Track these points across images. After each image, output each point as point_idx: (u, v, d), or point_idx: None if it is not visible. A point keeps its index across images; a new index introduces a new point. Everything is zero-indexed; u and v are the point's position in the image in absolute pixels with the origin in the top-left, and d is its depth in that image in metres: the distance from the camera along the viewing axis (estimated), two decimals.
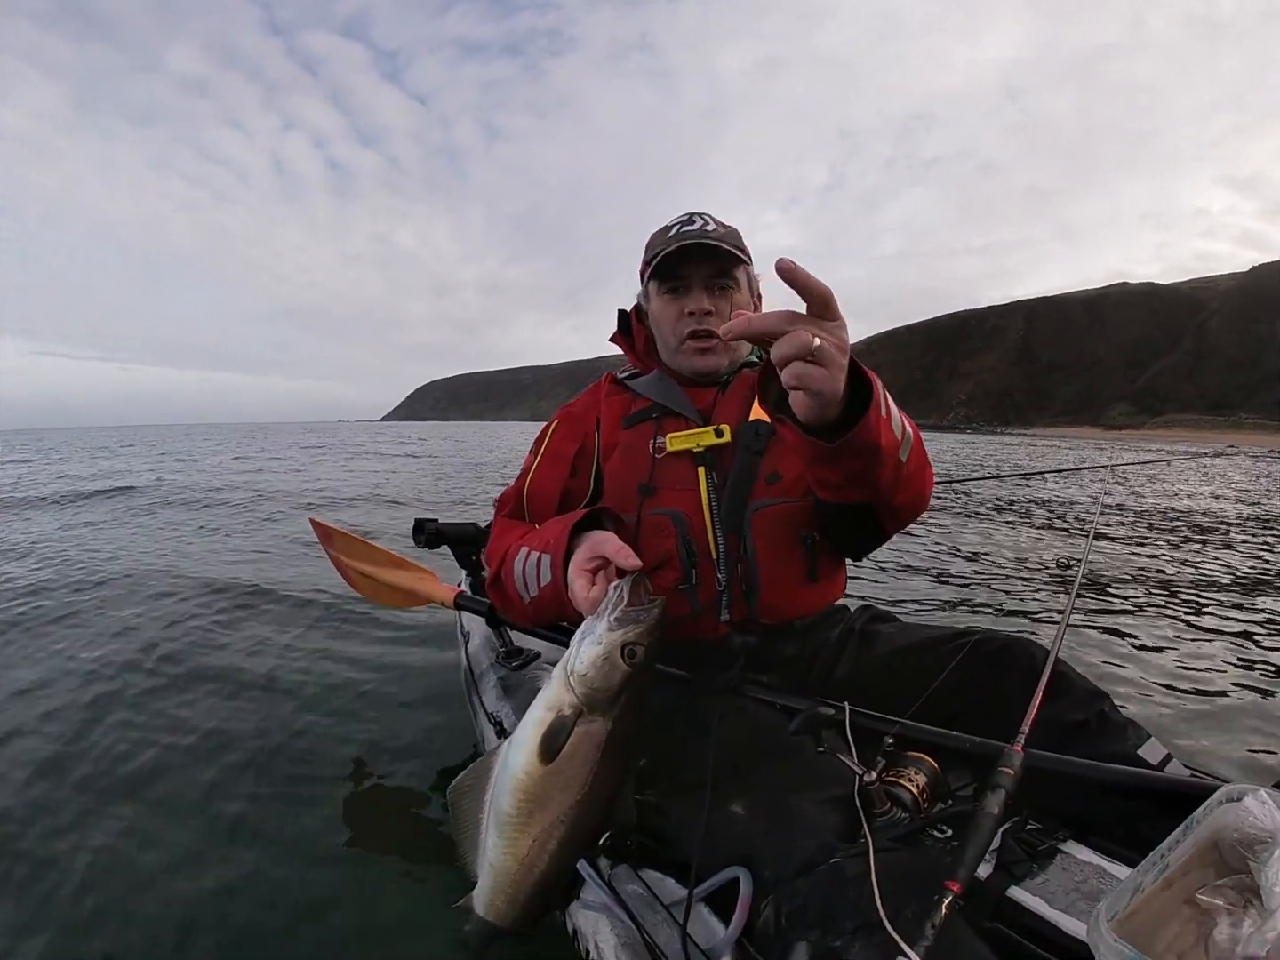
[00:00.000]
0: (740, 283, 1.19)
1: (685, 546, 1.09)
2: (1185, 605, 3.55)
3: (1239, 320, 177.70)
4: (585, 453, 1.21)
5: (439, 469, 13.62)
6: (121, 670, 2.52)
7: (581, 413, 1.26)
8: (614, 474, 1.17)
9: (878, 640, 1.20)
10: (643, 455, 1.15)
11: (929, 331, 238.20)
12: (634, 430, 1.19)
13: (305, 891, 1.39)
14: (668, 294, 1.18)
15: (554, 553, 0.95)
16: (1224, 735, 2.08)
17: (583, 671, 0.77)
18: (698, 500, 1.10)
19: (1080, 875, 0.83)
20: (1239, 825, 0.56)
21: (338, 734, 2.06)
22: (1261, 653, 2.80)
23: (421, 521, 1.91)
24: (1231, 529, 6.49)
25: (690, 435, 1.13)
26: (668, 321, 1.19)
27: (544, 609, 1.02)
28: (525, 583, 1.02)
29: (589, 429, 1.23)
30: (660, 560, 1.08)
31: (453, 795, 0.87)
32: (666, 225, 1.20)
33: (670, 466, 1.13)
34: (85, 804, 1.68)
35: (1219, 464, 19.20)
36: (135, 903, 1.36)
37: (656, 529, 1.09)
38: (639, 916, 0.86)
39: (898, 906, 0.64)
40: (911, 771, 0.94)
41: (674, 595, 1.08)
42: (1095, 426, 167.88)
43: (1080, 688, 1.01)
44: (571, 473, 1.20)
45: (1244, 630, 3.12)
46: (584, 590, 0.87)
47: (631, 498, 1.12)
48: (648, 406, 1.20)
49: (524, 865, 0.82)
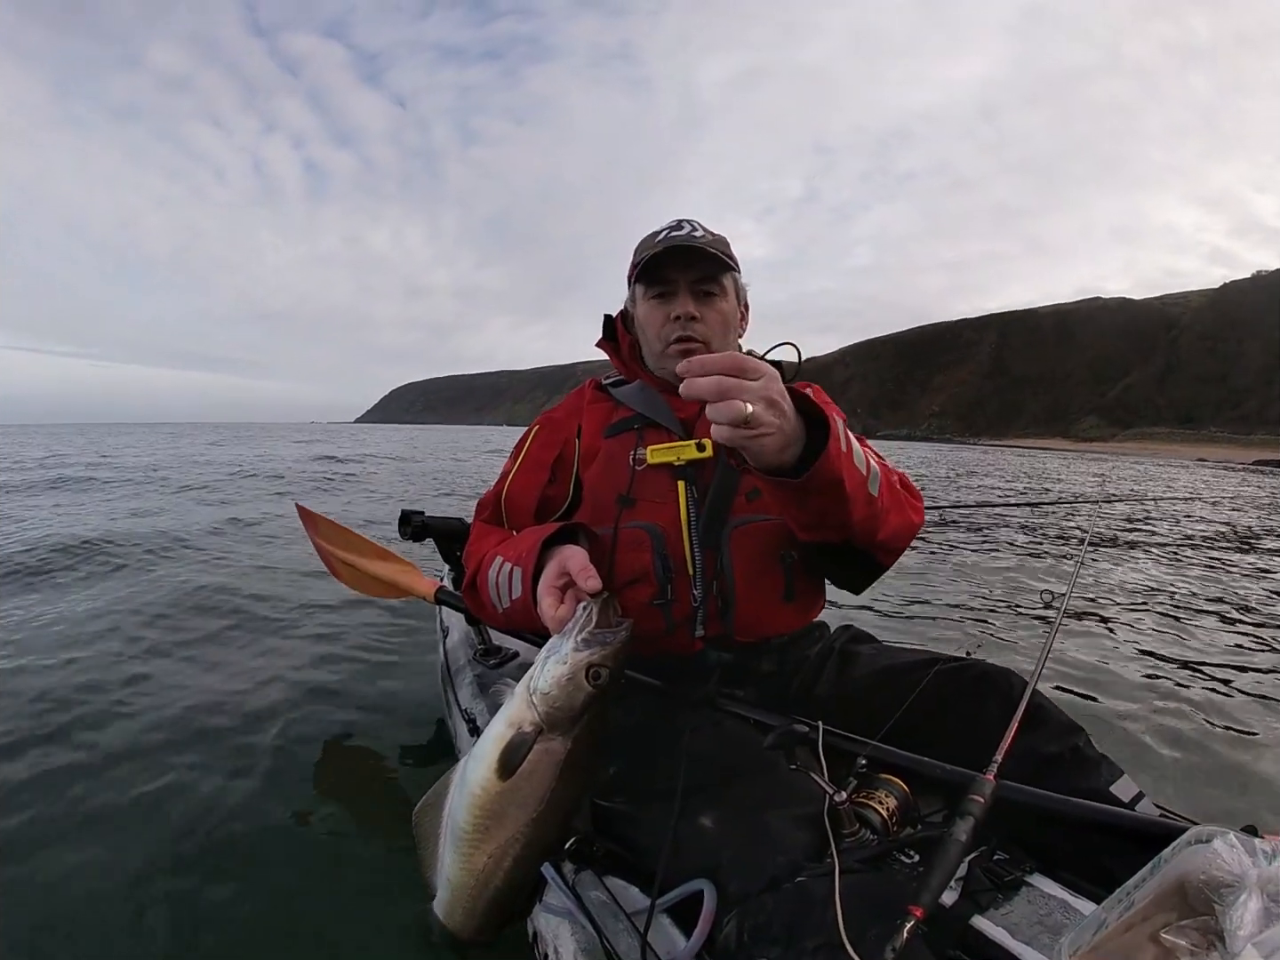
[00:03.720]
0: (727, 289, 1.17)
1: (661, 561, 1.07)
2: (1167, 640, 3.56)
3: (1209, 336, 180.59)
4: (564, 460, 1.20)
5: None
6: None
7: (563, 419, 1.25)
8: (593, 484, 1.16)
9: (857, 661, 1.19)
10: (623, 466, 1.13)
11: (901, 344, 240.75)
12: (615, 440, 1.18)
13: (270, 894, 1.36)
14: (654, 298, 1.16)
15: (524, 567, 0.94)
16: (1196, 776, 2.08)
17: (546, 690, 0.77)
18: (676, 515, 1.09)
19: (1045, 908, 0.83)
20: (1206, 867, 0.56)
21: (308, 727, 2.04)
22: (1240, 696, 2.82)
23: (408, 513, 1.90)
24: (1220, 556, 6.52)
25: (671, 448, 1.08)
26: (653, 326, 1.18)
27: (516, 619, 1.01)
28: (498, 592, 1.01)
29: (569, 435, 1.21)
30: (636, 575, 1.07)
31: (416, 813, 0.88)
32: (656, 230, 1.19)
33: (650, 479, 1.11)
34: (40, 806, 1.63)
35: (1202, 474, 19.14)
36: (91, 907, 1.32)
37: (633, 542, 1.08)
38: (600, 923, 0.85)
39: (861, 929, 0.64)
40: (882, 794, 0.94)
41: (648, 610, 1.07)
42: (1065, 439, 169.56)
43: (1056, 720, 1.01)
44: (550, 479, 1.18)
45: (1225, 672, 3.13)
46: (551, 609, 0.85)
47: (609, 508, 1.11)
48: (630, 416, 1.19)
49: (479, 880, 0.83)
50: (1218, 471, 24.74)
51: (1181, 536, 7.89)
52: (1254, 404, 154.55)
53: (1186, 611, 4.28)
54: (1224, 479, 22.96)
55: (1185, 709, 2.61)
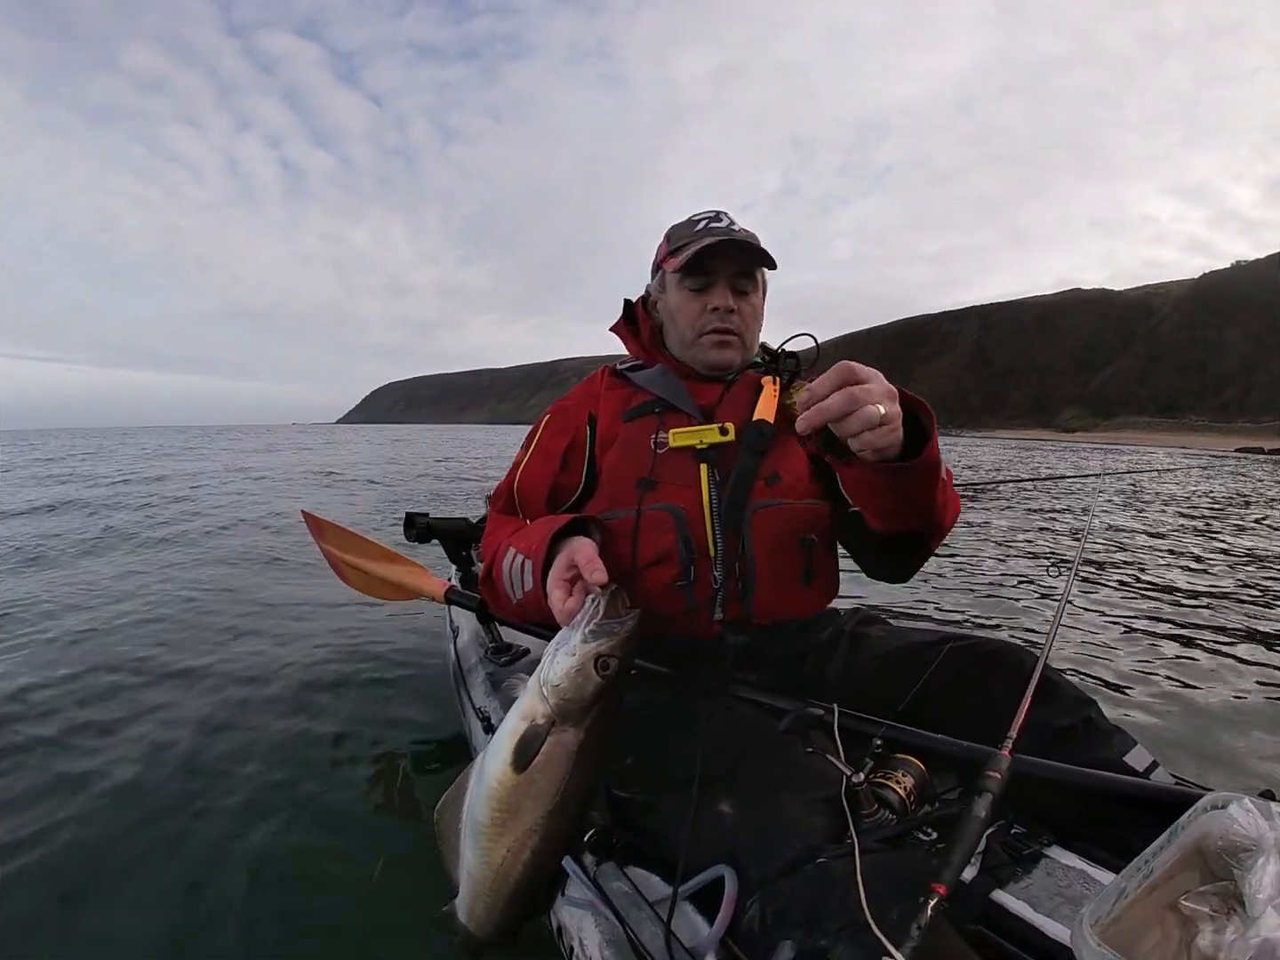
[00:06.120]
0: (759, 284, 1.20)
1: (685, 543, 1.08)
2: (1175, 612, 3.56)
3: (1189, 326, 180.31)
4: (576, 447, 1.20)
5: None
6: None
7: (574, 406, 1.25)
8: (612, 467, 1.16)
9: (867, 643, 1.20)
10: (644, 449, 1.13)
11: (883, 336, 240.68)
12: (634, 424, 1.18)
13: (288, 895, 1.37)
14: (691, 289, 1.17)
15: (535, 560, 0.94)
16: (1211, 743, 2.09)
17: (556, 682, 0.78)
18: (698, 497, 1.10)
19: (1064, 880, 0.83)
20: (1224, 832, 0.56)
21: (321, 728, 2.05)
22: (1250, 663, 2.82)
23: (412, 515, 1.91)
24: (1226, 533, 6.53)
25: (694, 432, 1.11)
26: (688, 315, 1.18)
27: (530, 612, 1.01)
28: (512, 584, 1.02)
29: (580, 423, 1.21)
30: (660, 555, 1.08)
31: (438, 811, 0.90)
32: (692, 219, 1.20)
33: (672, 462, 1.12)
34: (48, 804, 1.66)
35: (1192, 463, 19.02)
36: (114, 904, 1.34)
37: (657, 523, 1.09)
38: (623, 914, 0.86)
39: (883, 908, 0.64)
40: (899, 774, 0.94)
41: (671, 591, 1.08)
42: (1049, 429, 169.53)
43: (1068, 694, 1.01)
44: (562, 467, 1.19)
45: (1234, 640, 3.14)
46: (560, 601, 0.86)
47: (630, 492, 1.11)
48: (650, 400, 1.19)
49: (499, 874, 0.84)
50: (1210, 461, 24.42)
51: (1183, 512, 7.89)
52: (1234, 393, 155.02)
53: (1197, 584, 4.28)
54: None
55: (1197, 679, 2.61)
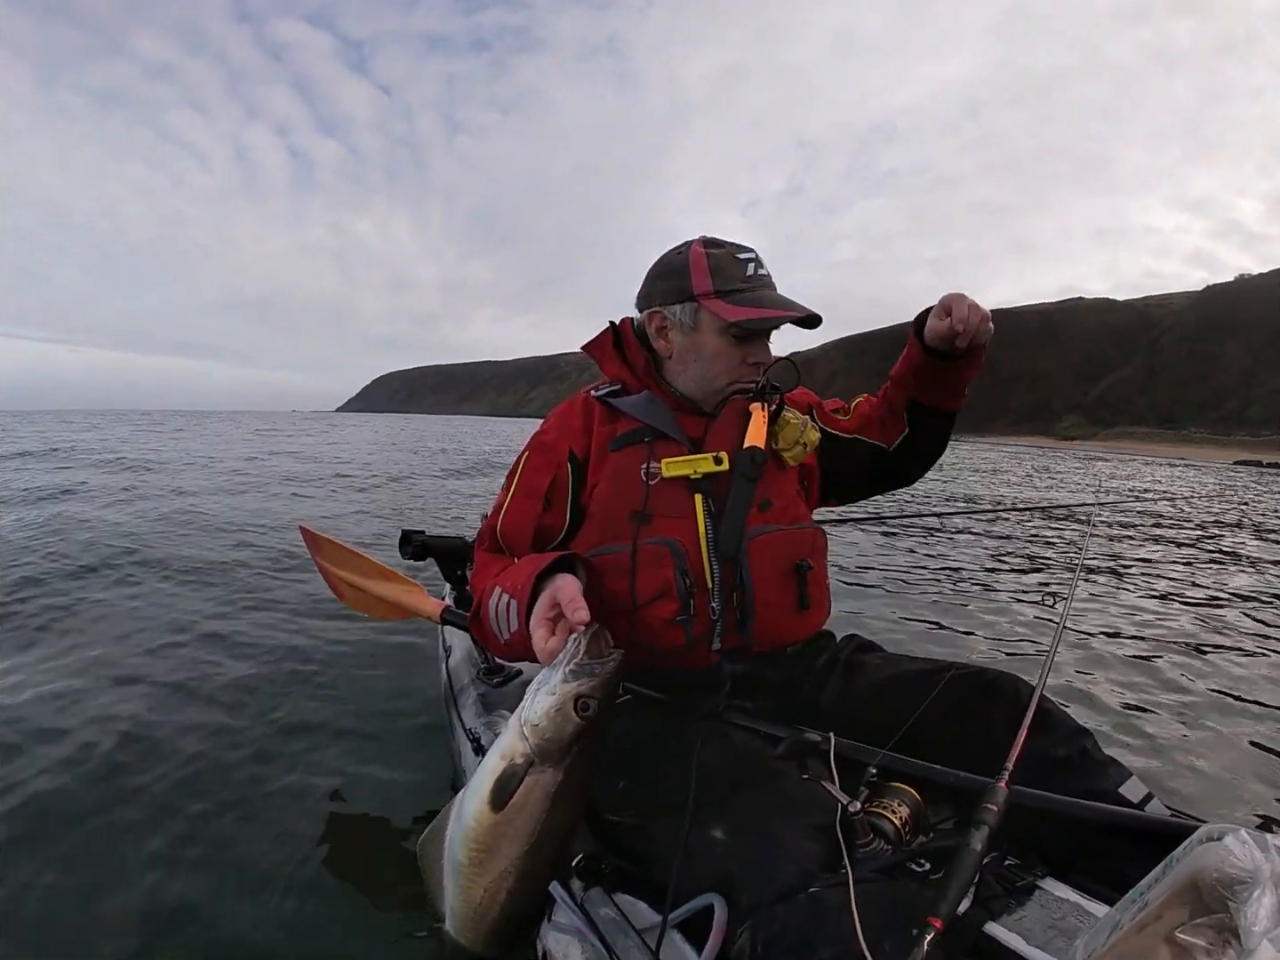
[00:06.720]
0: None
1: (683, 576, 1.06)
2: (1172, 642, 3.55)
3: (1191, 338, 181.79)
4: (559, 486, 1.15)
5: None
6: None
7: (553, 441, 1.18)
8: (602, 499, 1.13)
9: (863, 670, 1.19)
10: (634, 480, 1.10)
11: (885, 340, 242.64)
12: (622, 453, 1.13)
13: (276, 914, 1.34)
14: (735, 336, 1.12)
15: (519, 600, 0.93)
16: (1205, 776, 2.07)
17: (535, 721, 0.78)
18: (694, 528, 1.08)
19: (1058, 912, 0.82)
20: (1219, 865, 0.56)
21: (310, 749, 2.01)
22: (1247, 700, 2.81)
23: (408, 533, 1.90)
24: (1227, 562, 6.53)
25: (688, 461, 1.09)
26: (725, 363, 1.14)
27: (518, 651, 0.99)
28: (499, 624, 1.00)
29: (561, 459, 1.16)
30: (659, 591, 1.05)
31: (420, 844, 0.91)
32: (732, 253, 1.12)
33: (666, 493, 1.09)
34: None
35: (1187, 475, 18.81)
36: (94, 928, 1.30)
37: (654, 559, 1.06)
38: (610, 941, 0.84)
39: (876, 938, 0.63)
40: (895, 803, 0.93)
41: (670, 626, 1.06)
42: (1048, 437, 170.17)
43: (1063, 724, 1.01)
44: (545, 507, 1.15)
45: (1231, 672, 3.13)
46: (543, 640, 0.85)
47: (623, 525, 1.08)
48: (638, 428, 1.14)
49: (478, 913, 0.85)
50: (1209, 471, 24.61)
51: (1182, 532, 7.91)
52: (1234, 405, 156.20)
53: (1188, 608, 4.27)
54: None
55: (1194, 712, 2.60)
